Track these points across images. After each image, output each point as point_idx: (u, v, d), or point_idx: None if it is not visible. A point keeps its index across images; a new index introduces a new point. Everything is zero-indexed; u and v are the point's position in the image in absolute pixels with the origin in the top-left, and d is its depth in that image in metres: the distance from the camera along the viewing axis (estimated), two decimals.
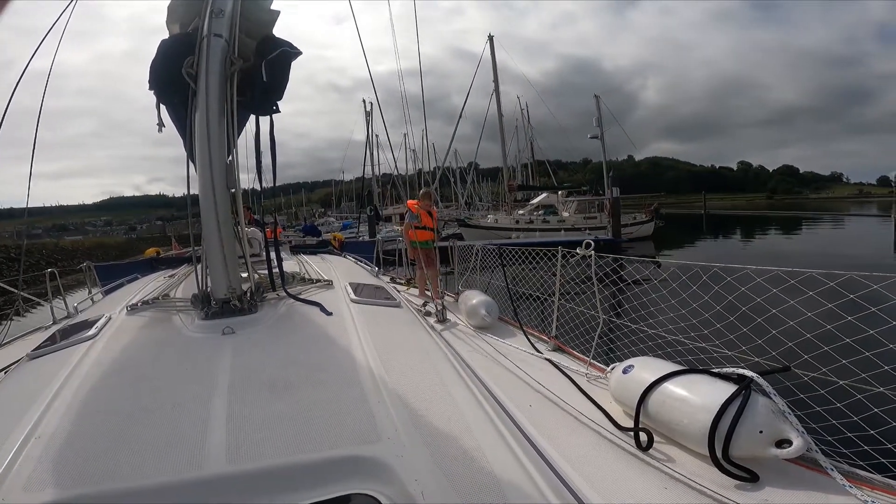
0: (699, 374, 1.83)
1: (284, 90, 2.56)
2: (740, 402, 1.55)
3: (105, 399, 1.56)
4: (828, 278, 1.95)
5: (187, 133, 2.34)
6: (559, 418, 1.97)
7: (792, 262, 2.45)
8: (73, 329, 2.50)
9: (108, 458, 1.23)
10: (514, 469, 1.25)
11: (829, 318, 2.08)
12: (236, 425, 1.35)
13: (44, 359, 2.09)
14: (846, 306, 2.02)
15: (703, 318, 2.62)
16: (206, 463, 1.21)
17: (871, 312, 1.95)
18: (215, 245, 2.24)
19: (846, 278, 1.89)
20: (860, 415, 1.91)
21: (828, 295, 2.03)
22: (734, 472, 1.51)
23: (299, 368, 1.72)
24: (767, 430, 1.51)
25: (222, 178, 2.26)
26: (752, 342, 2.35)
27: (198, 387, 1.59)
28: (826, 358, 2.07)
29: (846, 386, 1.93)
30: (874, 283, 1.84)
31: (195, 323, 2.16)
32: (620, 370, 2.11)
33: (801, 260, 13.86)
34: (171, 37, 2.47)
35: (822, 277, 1.97)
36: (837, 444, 1.86)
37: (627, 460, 1.67)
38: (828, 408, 1.99)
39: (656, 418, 1.79)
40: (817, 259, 14.19)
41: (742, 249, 22.28)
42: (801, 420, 1.60)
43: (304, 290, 2.78)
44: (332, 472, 1.22)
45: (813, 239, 24.91)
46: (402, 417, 1.41)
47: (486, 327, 3.52)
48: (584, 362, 2.72)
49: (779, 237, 26.95)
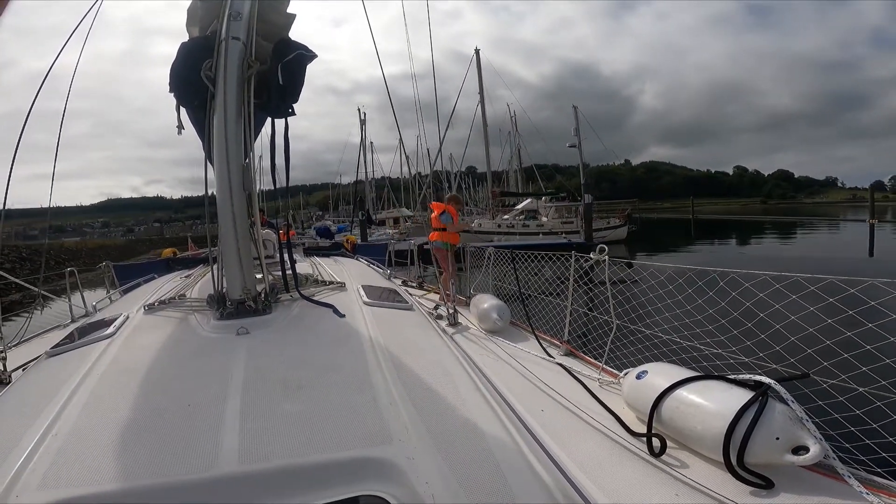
0: (715, 381, 1.80)
1: (300, 93, 2.58)
2: (757, 409, 1.53)
3: (121, 397, 1.59)
4: (848, 285, 1.92)
5: (206, 135, 2.35)
6: (571, 423, 1.96)
7: (768, 266, 2.45)
8: (91, 328, 2.52)
9: (123, 457, 1.25)
10: (525, 473, 1.25)
11: (849, 325, 2.04)
12: (249, 425, 1.37)
13: (62, 356, 2.13)
14: (866, 313, 1.99)
15: (720, 325, 2.59)
16: (219, 462, 1.22)
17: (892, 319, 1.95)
18: (231, 246, 2.26)
19: (867, 285, 1.88)
20: (879, 422, 1.87)
21: (848, 302, 2.00)
22: (749, 479, 1.48)
23: (312, 369, 1.74)
24: (784, 437, 1.48)
25: (239, 180, 2.28)
26: (770, 349, 2.31)
27: (212, 386, 1.61)
28: (846, 365, 2.04)
29: (865, 393, 1.89)
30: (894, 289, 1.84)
31: (210, 323, 2.19)
32: (634, 375, 2.09)
33: (772, 264, 13.87)
34: (190, 40, 2.50)
35: (841, 284, 1.94)
36: (856, 452, 1.82)
37: (640, 466, 1.65)
38: (847, 415, 1.96)
39: (670, 424, 1.77)
40: (794, 263, 14.31)
41: (713, 254, 22.82)
42: (819, 427, 1.56)
43: (318, 291, 2.79)
44: (342, 473, 1.23)
45: (798, 244, 25.40)
46: (413, 420, 1.41)
47: (498, 331, 3.51)
48: (597, 367, 2.70)
49: (764, 241, 27.38)
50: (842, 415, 1.98)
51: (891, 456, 1.81)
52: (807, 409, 1.63)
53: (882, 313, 1.93)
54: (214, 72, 2.28)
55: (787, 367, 2.20)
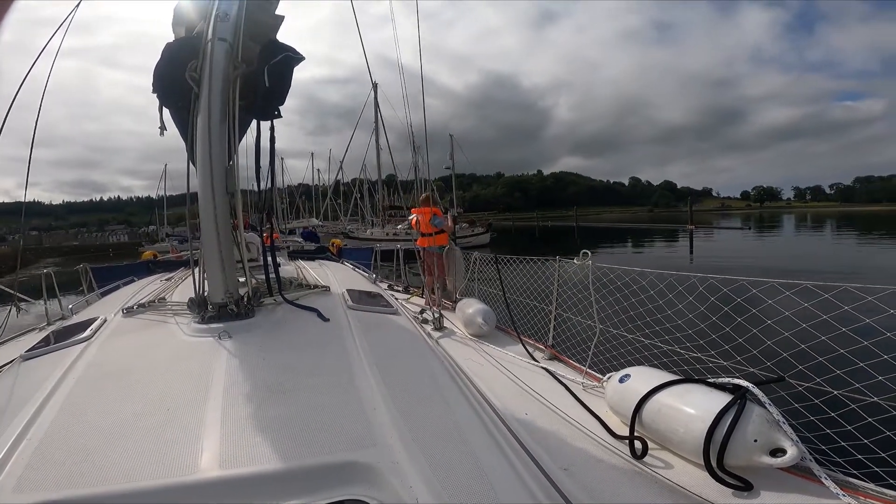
0: (695, 384, 1.84)
1: (286, 95, 2.57)
2: (735, 412, 1.56)
3: (98, 401, 1.55)
4: (823, 290, 1.98)
5: (189, 136, 2.33)
6: (555, 427, 1.97)
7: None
8: (67, 331, 2.47)
9: (100, 461, 1.22)
10: (509, 477, 1.26)
11: (824, 329, 2.10)
12: (230, 429, 1.35)
13: (38, 360, 2.09)
14: (841, 317, 2.05)
15: (699, 329, 2.64)
16: (200, 467, 1.20)
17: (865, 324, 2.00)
18: (213, 249, 2.23)
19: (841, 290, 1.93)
20: (854, 424, 1.92)
21: (822, 306, 2.05)
22: (728, 481, 1.51)
23: (295, 373, 1.72)
24: (762, 440, 1.52)
25: (222, 183, 2.25)
26: (748, 353, 2.36)
27: (192, 390, 1.58)
28: (821, 368, 2.09)
29: (840, 396, 1.95)
30: (868, 294, 1.88)
31: (191, 326, 2.16)
32: (617, 379, 2.12)
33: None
34: (175, 40, 2.47)
35: (816, 290, 2.00)
36: (831, 454, 1.87)
37: (622, 468, 1.67)
38: (822, 417, 2.01)
39: (652, 427, 1.80)
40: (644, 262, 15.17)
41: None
42: (796, 429, 1.60)
43: (302, 295, 2.77)
44: (326, 477, 1.21)
45: (644, 249, 27.69)
46: (397, 424, 1.41)
47: (484, 336, 3.52)
48: (581, 371, 2.73)
49: (615, 247, 29.31)
50: (817, 417, 2.03)
51: (865, 457, 1.86)
52: (784, 412, 1.67)
53: (855, 318, 1.99)
54: (199, 73, 2.26)
55: (764, 370, 2.25)
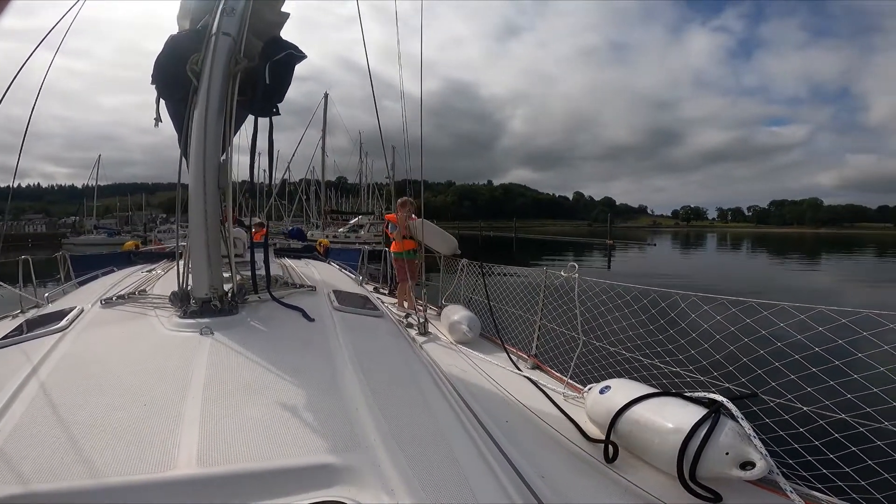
0: (673, 398, 1.89)
1: (286, 93, 2.57)
2: (709, 425, 1.61)
3: (72, 394, 1.50)
4: (798, 311, 2.06)
5: (183, 129, 2.31)
6: (534, 434, 2.00)
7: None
8: (42, 320, 2.39)
9: (72, 455, 1.19)
10: (489, 481, 1.27)
11: (797, 349, 2.19)
12: (209, 427, 1.32)
13: (10, 349, 2.00)
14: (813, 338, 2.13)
15: (679, 344, 2.71)
16: (176, 464, 1.17)
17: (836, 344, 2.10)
18: (200, 242, 2.19)
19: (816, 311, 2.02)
20: (821, 439, 2.00)
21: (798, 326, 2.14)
22: (699, 492, 1.55)
23: (277, 372, 1.70)
24: (733, 453, 1.56)
25: (214, 177, 2.23)
26: (724, 369, 2.44)
27: (171, 385, 1.54)
28: (792, 385, 2.17)
29: (809, 412, 2.02)
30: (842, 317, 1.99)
31: (172, 320, 2.10)
32: (597, 390, 2.15)
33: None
34: (179, 33, 2.46)
35: (793, 310, 2.08)
36: (797, 468, 1.94)
37: (597, 475, 1.71)
38: (791, 432, 2.08)
39: (629, 437, 1.84)
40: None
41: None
42: (766, 444, 1.65)
43: (287, 294, 2.73)
44: (306, 478, 1.20)
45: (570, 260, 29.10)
46: (379, 427, 1.40)
47: (468, 342, 3.54)
48: (562, 382, 2.77)
49: (543, 258, 30.76)
50: (786, 432, 2.10)
51: (830, 472, 1.94)
52: (755, 427, 1.72)
53: (827, 338, 2.09)
54: (200, 66, 2.25)
55: (738, 385, 2.32)
